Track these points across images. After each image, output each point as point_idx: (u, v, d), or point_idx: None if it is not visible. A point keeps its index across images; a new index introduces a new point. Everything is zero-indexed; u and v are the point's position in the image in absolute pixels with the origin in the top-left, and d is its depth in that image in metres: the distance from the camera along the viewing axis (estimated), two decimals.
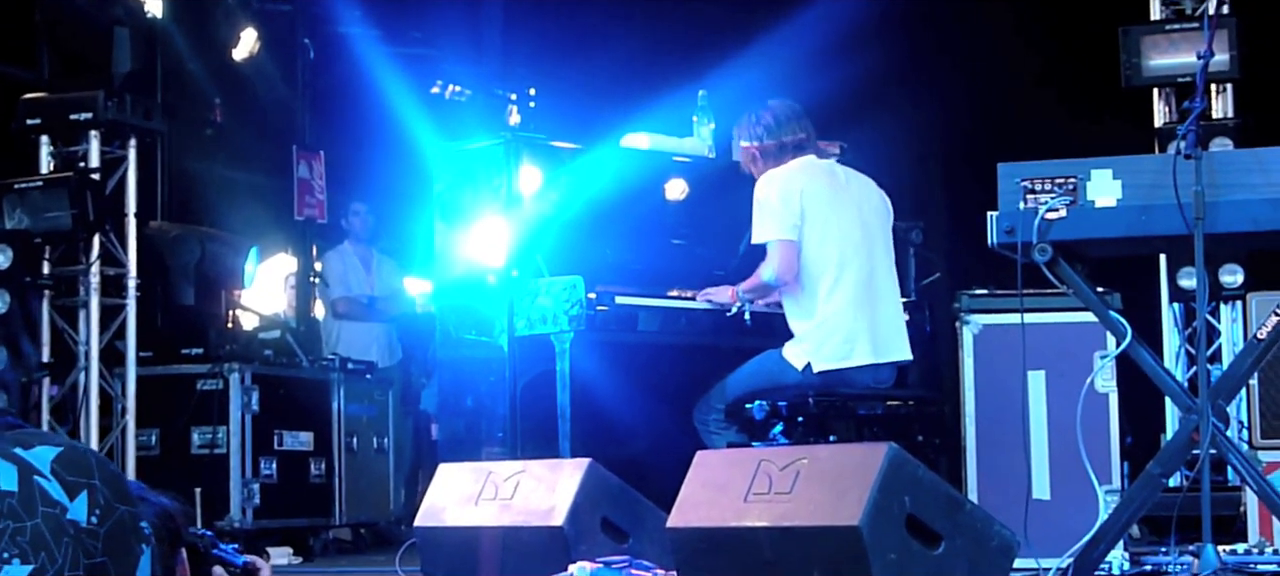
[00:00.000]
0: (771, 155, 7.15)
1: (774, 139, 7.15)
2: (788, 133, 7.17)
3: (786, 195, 6.97)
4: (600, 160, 7.96)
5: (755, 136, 7.20)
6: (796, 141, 7.16)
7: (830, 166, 7.21)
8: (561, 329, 7.35)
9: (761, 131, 7.18)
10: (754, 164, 7.21)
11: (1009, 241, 5.85)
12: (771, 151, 7.15)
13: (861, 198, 7.17)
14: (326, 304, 11.58)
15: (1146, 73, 10.43)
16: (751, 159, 7.23)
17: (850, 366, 6.98)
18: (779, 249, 6.97)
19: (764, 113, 7.20)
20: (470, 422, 7.95)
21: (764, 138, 7.17)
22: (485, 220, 7.82)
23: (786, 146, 7.15)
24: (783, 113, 7.20)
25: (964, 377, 8.05)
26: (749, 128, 7.24)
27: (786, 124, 7.17)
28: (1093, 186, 5.79)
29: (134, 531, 2.63)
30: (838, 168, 7.24)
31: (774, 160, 7.12)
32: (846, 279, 6.99)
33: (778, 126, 7.17)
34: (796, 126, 7.18)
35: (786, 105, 7.24)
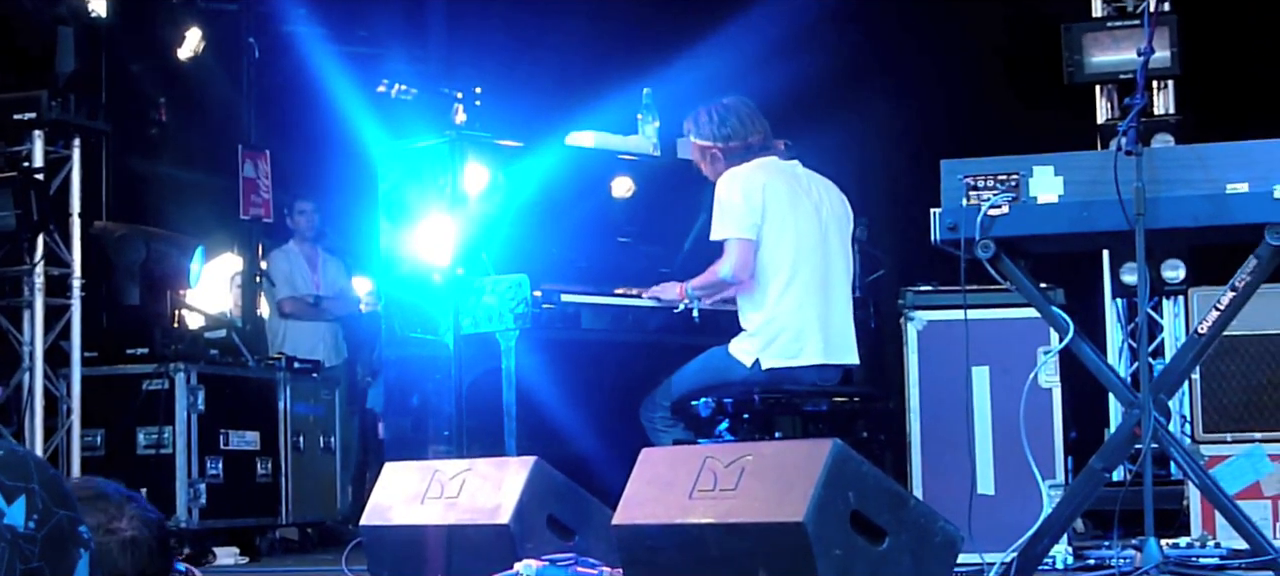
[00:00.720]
0: (735, 155, 7.11)
1: (739, 139, 7.12)
2: (752, 132, 7.14)
3: (749, 193, 6.95)
4: (545, 158, 7.94)
5: (719, 136, 7.14)
6: (759, 140, 7.14)
7: (792, 167, 7.18)
8: (507, 327, 7.32)
9: (727, 131, 7.14)
10: (714, 163, 7.16)
11: (952, 238, 5.86)
12: (736, 152, 7.11)
13: (821, 200, 7.15)
14: (272, 304, 11.54)
15: (1088, 69, 10.50)
16: (711, 158, 7.17)
17: (798, 365, 6.96)
18: (737, 247, 6.95)
19: (726, 112, 7.15)
20: (416, 421, 7.92)
21: (729, 138, 7.13)
22: (431, 219, 7.79)
23: (752, 146, 7.12)
24: (744, 112, 7.16)
25: (908, 373, 8.06)
26: (708, 126, 7.18)
27: (749, 123, 7.14)
28: (1035, 183, 5.80)
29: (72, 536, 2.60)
30: (799, 169, 7.20)
31: (737, 159, 7.09)
32: (800, 278, 6.97)
33: (742, 126, 7.13)
34: (757, 125, 7.16)
35: (744, 103, 7.21)
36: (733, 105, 7.19)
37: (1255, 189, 5.61)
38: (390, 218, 7.99)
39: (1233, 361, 7.77)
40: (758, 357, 6.95)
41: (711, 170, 7.18)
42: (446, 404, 7.64)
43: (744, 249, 6.95)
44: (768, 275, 6.99)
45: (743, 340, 7.02)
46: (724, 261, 6.98)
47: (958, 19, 11.55)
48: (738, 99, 7.24)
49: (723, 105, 7.20)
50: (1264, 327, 7.70)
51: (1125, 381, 6.05)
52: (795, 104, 10.42)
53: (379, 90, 8.51)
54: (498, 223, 7.74)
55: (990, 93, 11.44)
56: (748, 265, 6.96)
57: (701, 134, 7.22)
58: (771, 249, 6.97)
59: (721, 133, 7.16)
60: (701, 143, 7.22)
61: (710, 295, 7.21)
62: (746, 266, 6.96)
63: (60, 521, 2.51)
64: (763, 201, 6.96)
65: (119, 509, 4.03)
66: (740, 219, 6.94)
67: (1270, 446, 7.58)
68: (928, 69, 11.74)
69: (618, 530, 5.63)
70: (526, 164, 7.88)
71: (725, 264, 6.98)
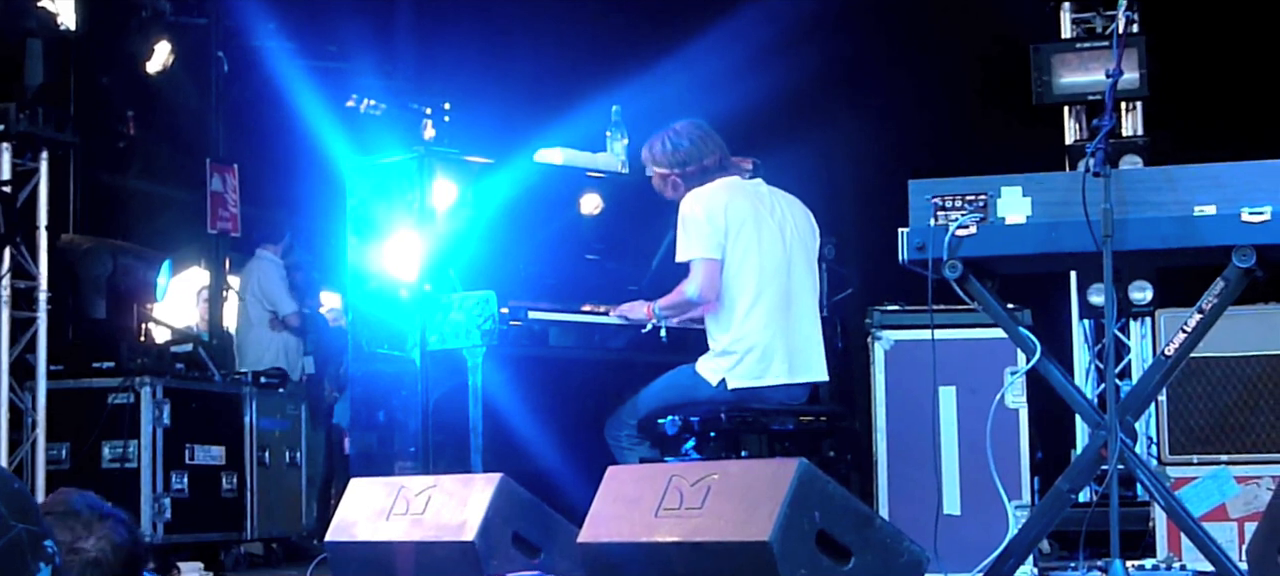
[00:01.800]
0: (693, 178, 7.09)
1: (695, 163, 7.11)
2: (707, 154, 7.12)
3: (712, 213, 6.93)
4: (514, 175, 7.91)
5: (675, 162, 7.13)
6: (716, 161, 7.12)
7: (755, 186, 7.16)
8: (474, 343, 7.30)
9: (682, 157, 7.13)
10: (675, 190, 7.15)
11: (920, 258, 5.87)
12: (693, 175, 7.10)
13: (785, 218, 7.12)
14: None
15: (1057, 90, 10.52)
16: (671, 185, 7.17)
17: (764, 385, 6.95)
18: (702, 268, 6.93)
19: (677, 137, 7.14)
20: (382, 437, 7.89)
21: (686, 163, 7.12)
22: (399, 234, 7.76)
23: (708, 168, 7.10)
24: (696, 134, 7.15)
25: (875, 393, 8.06)
26: (663, 154, 7.17)
27: (702, 145, 7.13)
28: (1003, 203, 5.81)
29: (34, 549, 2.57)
30: (763, 187, 7.18)
31: (696, 182, 7.08)
32: (766, 299, 6.95)
33: (695, 149, 7.12)
34: (711, 145, 7.14)
35: (696, 126, 7.20)
36: (685, 129, 7.18)
37: (1223, 211, 5.62)
38: (358, 233, 7.96)
39: (1199, 383, 7.78)
40: (724, 377, 6.93)
41: (674, 196, 7.17)
42: (413, 420, 7.61)
43: (709, 269, 6.93)
44: (733, 295, 6.97)
45: (709, 359, 7.01)
46: (690, 282, 6.96)
47: (927, 38, 11.58)
48: (690, 122, 7.23)
49: (675, 131, 7.19)
50: (1231, 350, 7.70)
51: (1092, 402, 6.06)
52: (765, 121, 10.44)
53: (347, 105, 8.49)
54: (466, 239, 7.71)
55: (959, 112, 11.45)
56: (714, 285, 6.95)
57: (658, 161, 7.22)
58: (736, 269, 6.96)
59: (676, 158, 7.16)
60: (659, 170, 7.22)
61: (677, 315, 7.18)
62: (713, 286, 6.94)
63: (18, 535, 2.48)
64: (726, 221, 6.94)
65: (88, 527, 4.00)
66: (705, 239, 6.93)
67: (1236, 468, 7.59)
68: (897, 88, 11.75)
69: (583, 548, 5.62)
70: (495, 180, 7.85)
71: (691, 284, 6.96)
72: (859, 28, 11.77)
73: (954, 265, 5.82)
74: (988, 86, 11.33)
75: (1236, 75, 10.60)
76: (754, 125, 9.68)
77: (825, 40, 11.60)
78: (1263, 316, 7.68)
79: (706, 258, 6.92)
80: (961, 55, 11.44)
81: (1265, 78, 10.50)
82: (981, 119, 11.27)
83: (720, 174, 7.11)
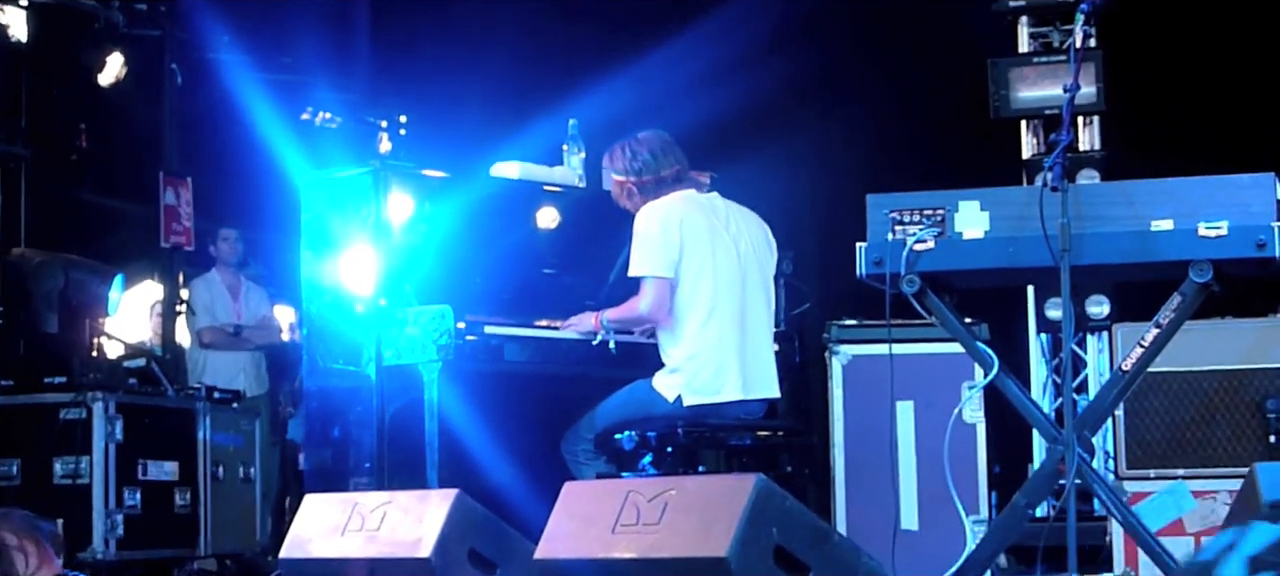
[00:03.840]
0: (649, 189, 7.10)
1: (652, 174, 7.11)
2: (665, 166, 7.13)
3: (666, 228, 6.93)
4: (470, 189, 7.90)
5: (632, 171, 7.15)
6: (674, 174, 7.13)
7: (711, 200, 7.16)
8: (430, 359, 7.29)
9: (639, 166, 7.13)
10: (630, 199, 7.16)
11: (877, 272, 5.88)
12: (649, 186, 7.11)
13: (741, 232, 7.13)
14: (193, 332, 11.46)
15: (1015, 104, 10.56)
16: (627, 194, 7.18)
17: (719, 402, 6.95)
18: (654, 286, 6.93)
19: (638, 147, 7.15)
20: (337, 453, 7.87)
21: (642, 172, 7.13)
22: (354, 249, 7.74)
23: (665, 180, 7.11)
24: (656, 146, 7.16)
25: (833, 408, 8.07)
26: (623, 162, 7.18)
27: (662, 157, 7.14)
28: (960, 218, 5.82)
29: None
30: (718, 201, 7.18)
31: (652, 194, 7.08)
32: (719, 314, 6.96)
33: (654, 160, 7.13)
34: (671, 158, 7.15)
35: (659, 137, 7.21)
36: (646, 139, 7.19)
37: (1180, 226, 5.65)
38: (313, 247, 7.94)
39: (1156, 398, 7.80)
40: (680, 392, 6.94)
41: (630, 205, 7.17)
42: (368, 436, 7.60)
43: (661, 288, 6.94)
44: (687, 311, 6.97)
45: (665, 375, 7.01)
46: (641, 298, 6.97)
47: (886, 52, 11.61)
48: (652, 133, 7.23)
49: (638, 139, 7.20)
50: (1188, 364, 7.73)
51: (1049, 417, 6.06)
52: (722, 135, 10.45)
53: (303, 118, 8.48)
54: (421, 253, 7.70)
55: (917, 126, 11.49)
56: (665, 304, 6.96)
57: (616, 170, 7.23)
58: (690, 285, 6.96)
59: (634, 167, 7.16)
60: (618, 177, 7.23)
61: (624, 329, 7.20)
62: (663, 305, 6.95)
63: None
64: (681, 236, 6.94)
65: None
66: (658, 256, 6.93)
67: (1193, 483, 7.60)
68: (856, 101, 11.78)
69: (540, 564, 5.61)
70: (451, 195, 7.85)
71: (643, 300, 6.97)
72: (818, 41, 11.80)
73: (912, 280, 5.84)
74: (945, 100, 11.35)
75: (1194, 90, 10.66)
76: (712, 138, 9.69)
77: (784, 54, 11.63)
78: (1219, 331, 7.71)
79: (659, 276, 6.92)
80: (919, 69, 11.47)
81: (1222, 92, 10.57)
82: (940, 133, 11.30)
83: (677, 187, 7.11)
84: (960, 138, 11.05)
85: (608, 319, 7.16)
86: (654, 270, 6.93)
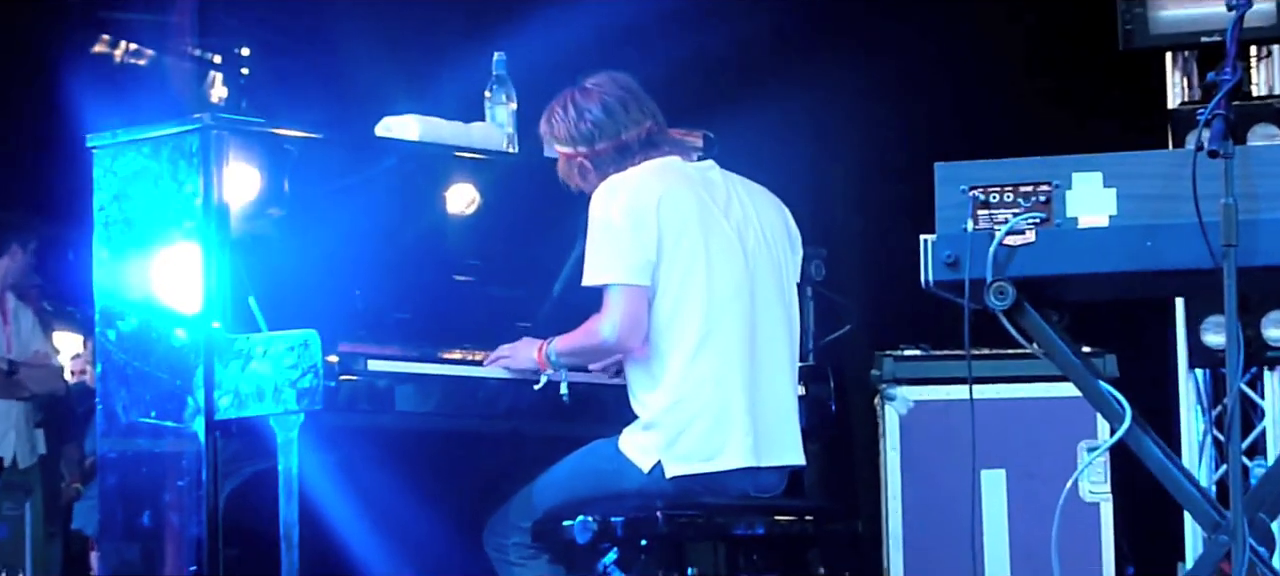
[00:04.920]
0: (609, 161, 7.08)
1: (609, 139, 7.09)
2: (629, 125, 7.11)
3: (637, 215, 6.90)
4: (346, 157, 7.92)
5: (580, 137, 7.12)
6: (643, 135, 7.12)
7: (703, 173, 7.13)
8: (286, 409, 7.26)
9: (589, 128, 7.11)
10: (583, 177, 7.15)
11: (952, 278, 5.88)
12: (608, 156, 7.09)
13: (749, 219, 7.12)
14: None
15: (1155, 31, 10.56)
16: (578, 170, 7.17)
17: (718, 470, 6.94)
18: (622, 298, 6.90)
19: (586, 100, 7.12)
20: (148, 550, 7.86)
21: (594, 138, 7.10)
22: (172, 246, 7.73)
23: (629, 146, 7.10)
24: (614, 96, 7.13)
25: (887, 479, 8.09)
26: (565, 125, 7.16)
27: (622, 112, 7.11)
28: (1075, 197, 5.83)
29: None
30: (715, 174, 7.16)
31: (614, 166, 7.07)
32: (718, 341, 6.94)
33: (610, 119, 7.10)
34: (638, 112, 7.13)
35: (616, 85, 7.17)
36: (598, 88, 7.16)
37: None
38: (111, 244, 7.92)
39: None
40: (659, 459, 6.93)
41: (584, 185, 7.17)
42: (193, 524, 7.58)
43: (631, 300, 6.91)
44: (670, 336, 6.96)
45: (637, 433, 7.00)
46: (604, 316, 6.94)
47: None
48: (607, 78, 7.20)
49: (582, 91, 7.17)
50: None
51: (1208, 493, 6.08)
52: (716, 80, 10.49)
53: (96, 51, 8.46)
54: (273, 252, 7.70)
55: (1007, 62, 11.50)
56: (639, 323, 6.93)
57: (559, 136, 7.22)
58: (675, 296, 6.94)
59: (581, 131, 7.14)
60: (562, 149, 7.23)
61: (584, 362, 7.20)
62: (637, 325, 6.92)
63: None
64: (658, 226, 6.91)
65: None
66: (626, 254, 6.90)
67: None
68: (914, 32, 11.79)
69: None
70: (318, 165, 7.85)
71: (605, 320, 6.94)
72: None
73: (1002, 289, 5.84)
74: (1050, 25, 11.38)
75: None
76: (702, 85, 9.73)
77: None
78: None
79: (626, 283, 6.90)
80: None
81: None
82: (1042, 72, 11.32)
83: (651, 153, 7.11)
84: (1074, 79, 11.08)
85: (555, 349, 7.15)
86: (619, 275, 6.91)
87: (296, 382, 7.24)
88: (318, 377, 7.21)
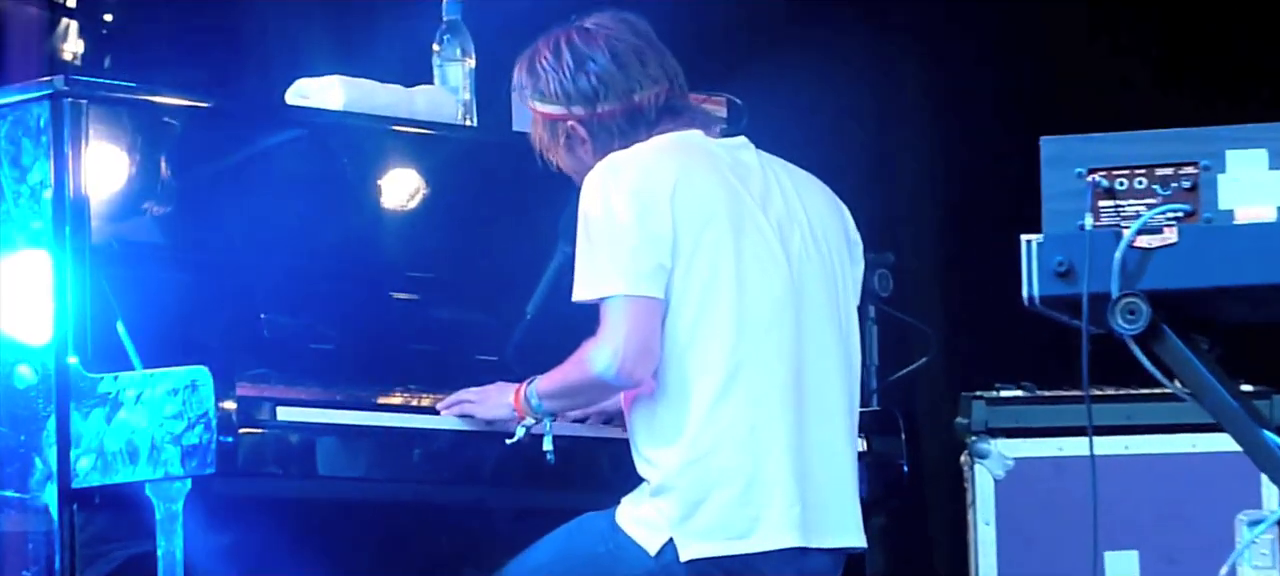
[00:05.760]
0: (613, 129, 7.07)
1: (618, 99, 7.06)
2: (645, 82, 7.08)
3: (647, 205, 6.87)
4: (247, 132, 7.94)
5: (578, 94, 7.09)
6: (659, 98, 7.11)
7: (734, 151, 7.10)
8: (168, 474, 7.27)
9: (591, 83, 7.07)
10: (572, 147, 7.15)
11: (1064, 293, 5.86)
12: (613, 122, 7.08)
13: (795, 215, 7.10)
14: None
15: None
16: (565, 138, 7.16)
17: (751, 552, 6.94)
18: (626, 316, 6.86)
19: (587, 45, 7.12)
20: None
21: (599, 97, 7.08)
22: (13, 255, 7.76)
23: (643, 111, 7.08)
24: (625, 44, 7.12)
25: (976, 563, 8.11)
26: (559, 75, 7.13)
27: (638, 65, 7.10)
28: (1230, 183, 5.81)
29: None
30: (749, 154, 7.15)
31: (616, 139, 7.08)
32: (753, 376, 6.92)
33: (622, 72, 7.07)
34: (657, 68, 7.12)
35: (630, 27, 7.16)
36: (605, 32, 7.16)
37: None
38: None
39: None
40: (671, 536, 6.93)
41: (569, 161, 7.18)
42: None
43: (638, 317, 6.87)
44: (687, 370, 6.94)
45: (642, 502, 7.00)
46: (601, 340, 6.92)
47: None
48: (615, 20, 7.21)
49: (584, 32, 7.18)
50: None
51: None
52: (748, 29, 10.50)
53: None
54: (149, 262, 7.72)
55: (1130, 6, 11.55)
56: (647, 348, 6.89)
57: (547, 93, 7.21)
58: (694, 317, 6.92)
59: (580, 86, 7.12)
60: (545, 109, 7.22)
61: (576, 406, 7.22)
62: (645, 350, 6.89)
63: None
64: (672, 221, 6.90)
65: None
66: (629, 258, 6.87)
67: None
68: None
69: None
70: (208, 143, 7.87)
71: (604, 345, 6.91)
72: None
73: (1133, 308, 5.82)
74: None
75: None
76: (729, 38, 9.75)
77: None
78: None
79: (632, 295, 6.88)
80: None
81: None
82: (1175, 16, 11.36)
83: (667, 125, 7.12)
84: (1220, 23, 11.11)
85: (537, 391, 7.15)
86: (623, 285, 6.87)
87: (181, 438, 7.23)
88: (209, 431, 7.20)
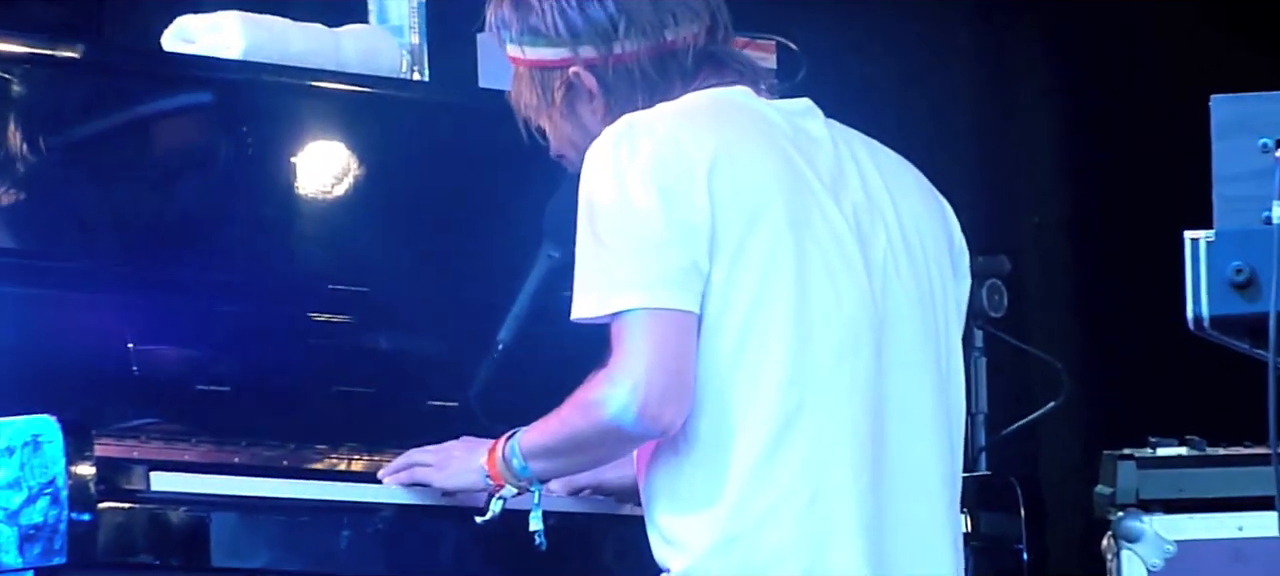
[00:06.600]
0: (634, 81, 6.96)
1: (645, 37, 6.96)
2: (683, 17, 6.99)
3: (672, 187, 6.74)
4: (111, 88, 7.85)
5: (586, 30, 7.01)
6: (697, 40, 7.02)
7: (794, 117, 6.99)
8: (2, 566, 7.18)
9: (606, 15, 6.97)
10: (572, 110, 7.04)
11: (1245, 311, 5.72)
12: (635, 70, 6.98)
13: (878, 207, 6.97)
14: None
15: None
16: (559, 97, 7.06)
17: None
18: (648, 335, 6.72)
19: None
20: None
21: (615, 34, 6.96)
22: None
23: (675, 56, 7.00)
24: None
25: None
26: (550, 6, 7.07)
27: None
28: None
29: None
30: (815, 122, 7.03)
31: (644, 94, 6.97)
32: (817, 422, 6.79)
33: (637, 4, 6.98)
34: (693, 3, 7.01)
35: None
36: None
37: None
38: None
39: None
40: None
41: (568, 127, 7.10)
42: None
43: (666, 337, 6.74)
44: (731, 413, 6.83)
45: None
46: (615, 372, 6.78)
47: None
48: None
49: None
50: None
51: None
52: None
53: None
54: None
55: None
56: (679, 379, 6.77)
57: (536, 32, 7.12)
58: (737, 339, 6.80)
59: (589, 18, 7.04)
60: (537, 54, 7.12)
61: (574, 469, 7.11)
62: (676, 383, 6.76)
63: None
64: (711, 208, 6.77)
65: None
66: (651, 259, 6.75)
67: None
68: None
69: None
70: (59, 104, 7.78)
71: (620, 378, 6.77)
72: None
73: None
74: None
75: None
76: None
77: None
78: None
79: (655, 308, 6.74)
80: None
81: None
82: None
83: (706, 79, 7.01)
84: None
85: (521, 448, 7.04)
86: (643, 296, 6.74)
87: (18, 516, 7.15)
88: (58, 505, 7.12)
